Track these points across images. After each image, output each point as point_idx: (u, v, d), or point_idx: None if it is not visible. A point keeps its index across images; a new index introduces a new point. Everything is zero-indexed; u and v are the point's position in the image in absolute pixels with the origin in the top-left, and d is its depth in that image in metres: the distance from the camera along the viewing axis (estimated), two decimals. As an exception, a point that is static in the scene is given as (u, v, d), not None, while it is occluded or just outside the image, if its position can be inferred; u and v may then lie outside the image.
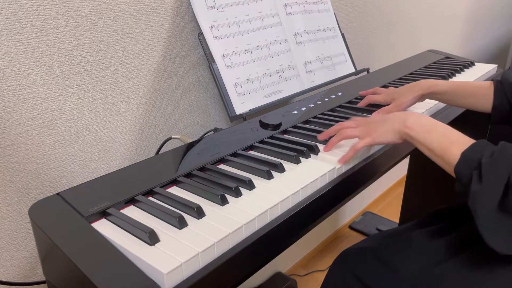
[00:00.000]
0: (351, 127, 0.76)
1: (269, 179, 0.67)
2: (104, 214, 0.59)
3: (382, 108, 0.94)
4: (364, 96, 1.02)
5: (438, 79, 1.18)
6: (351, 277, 0.77)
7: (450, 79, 1.22)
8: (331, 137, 0.77)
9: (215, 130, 0.87)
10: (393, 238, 0.81)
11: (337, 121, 0.88)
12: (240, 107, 0.92)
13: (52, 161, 0.78)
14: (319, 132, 0.83)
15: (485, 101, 0.89)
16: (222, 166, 0.73)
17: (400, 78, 1.23)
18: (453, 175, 0.62)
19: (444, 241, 0.74)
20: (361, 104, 1.00)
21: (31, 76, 0.72)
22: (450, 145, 0.63)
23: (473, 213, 0.56)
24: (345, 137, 0.75)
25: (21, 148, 0.73)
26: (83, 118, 0.81)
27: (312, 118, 0.91)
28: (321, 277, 1.59)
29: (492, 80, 0.90)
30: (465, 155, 0.60)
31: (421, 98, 0.95)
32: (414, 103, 0.96)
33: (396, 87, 1.13)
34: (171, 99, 0.95)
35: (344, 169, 0.73)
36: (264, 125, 0.86)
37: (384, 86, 1.15)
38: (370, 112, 0.96)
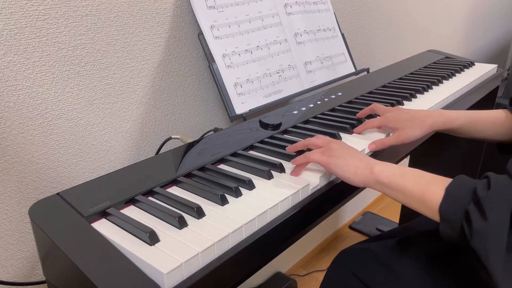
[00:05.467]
0: (317, 144, 0.70)
1: (269, 179, 0.67)
2: (104, 214, 0.59)
3: (378, 140, 0.79)
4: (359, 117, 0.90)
5: (438, 79, 1.19)
6: (350, 276, 0.77)
7: (450, 79, 1.22)
8: (298, 152, 0.73)
9: (215, 130, 0.87)
10: (392, 239, 0.80)
11: (337, 121, 0.89)
12: (240, 107, 0.92)
13: (52, 161, 0.78)
14: (319, 132, 0.84)
15: (504, 131, 0.81)
16: (222, 166, 0.73)
17: (400, 78, 1.22)
18: (436, 218, 0.56)
19: (444, 243, 0.73)
20: (357, 130, 0.84)
21: (31, 76, 0.72)
22: (428, 184, 0.58)
23: (481, 254, 0.49)
24: (311, 161, 0.68)
25: (21, 148, 0.73)
26: (83, 118, 0.81)
27: (312, 118, 0.91)
28: (321, 277, 1.58)
29: (504, 106, 0.81)
30: (449, 191, 0.54)
31: (432, 134, 0.83)
32: (421, 140, 0.83)
33: (396, 87, 1.14)
34: (171, 99, 0.95)
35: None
36: (264, 125, 0.86)
37: (385, 86, 1.15)
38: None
